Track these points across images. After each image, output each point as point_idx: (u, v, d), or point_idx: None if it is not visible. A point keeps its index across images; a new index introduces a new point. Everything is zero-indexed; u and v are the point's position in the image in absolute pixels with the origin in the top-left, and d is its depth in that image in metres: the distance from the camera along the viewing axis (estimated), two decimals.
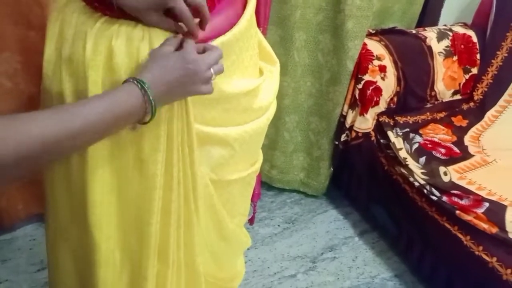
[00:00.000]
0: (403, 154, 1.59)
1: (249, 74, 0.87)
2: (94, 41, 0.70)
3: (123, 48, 0.70)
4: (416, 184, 1.49)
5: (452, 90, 1.85)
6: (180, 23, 0.70)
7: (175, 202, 0.80)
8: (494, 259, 1.28)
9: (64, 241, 0.90)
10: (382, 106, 1.71)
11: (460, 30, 1.87)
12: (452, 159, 1.60)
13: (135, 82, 0.64)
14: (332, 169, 1.91)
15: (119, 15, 0.70)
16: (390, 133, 1.65)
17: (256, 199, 1.44)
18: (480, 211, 1.35)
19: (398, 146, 1.62)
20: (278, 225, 1.84)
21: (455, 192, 1.41)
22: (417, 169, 1.53)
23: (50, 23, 0.77)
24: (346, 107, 1.75)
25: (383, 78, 1.67)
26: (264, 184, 1.99)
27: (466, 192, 1.42)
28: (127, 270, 0.86)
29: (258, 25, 0.90)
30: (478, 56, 1.86)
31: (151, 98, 0.64)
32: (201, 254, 0.92)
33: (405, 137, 1.67)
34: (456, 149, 1.65)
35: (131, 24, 0.70)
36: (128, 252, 0.85)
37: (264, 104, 0.90)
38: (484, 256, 1.30)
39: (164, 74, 0.66)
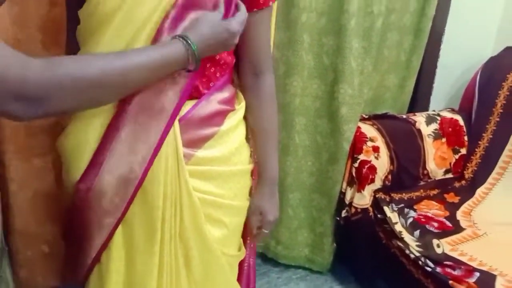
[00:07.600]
0: (398, 228, 1.69)
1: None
2: None
3: None
4: (412, 256, 1.58)
5: (444, 169, 1.98)
6: None
7: None
8: None
9: None
10: (377, 183, 1.84)
11: (447, 114, 2.04)
12: (444, 232, 1.69)
13: (181, 39, 0.80)
14: (335, 244, 1.98)
15: None
16: (386, 209, 1.76)
17: None
18: (471, 280, 1.42)
19: (394, 220, 1.72)
20: None
21: (448, 263, 1.49)
22: (412, 242, 1.62)
23: None
24: (344, 184, 1.88)
25: (376, 158, 1.82)
26: (271, 260, 2.06)
27: (458, 263, 1.50)
28: None
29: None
30: (465, 137, 2.02)
31: (195, 52, 0.80)
32: None
33: (400, 212, 1.78)
34: (448, 223, 1.75)
35: None
36: None
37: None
38: None
39: (207, 38, 0.83)
